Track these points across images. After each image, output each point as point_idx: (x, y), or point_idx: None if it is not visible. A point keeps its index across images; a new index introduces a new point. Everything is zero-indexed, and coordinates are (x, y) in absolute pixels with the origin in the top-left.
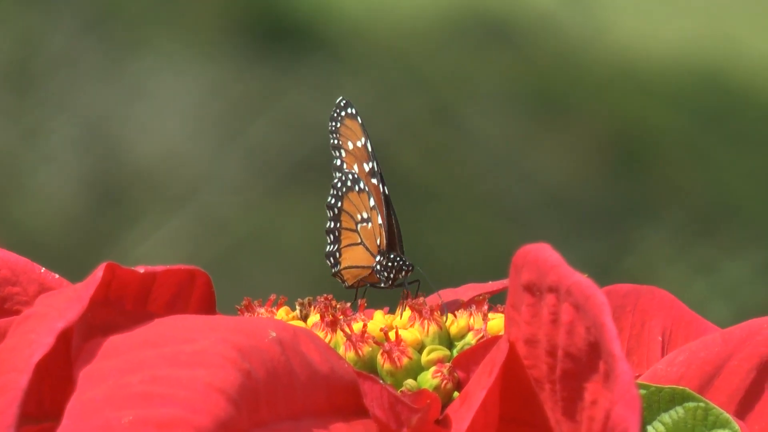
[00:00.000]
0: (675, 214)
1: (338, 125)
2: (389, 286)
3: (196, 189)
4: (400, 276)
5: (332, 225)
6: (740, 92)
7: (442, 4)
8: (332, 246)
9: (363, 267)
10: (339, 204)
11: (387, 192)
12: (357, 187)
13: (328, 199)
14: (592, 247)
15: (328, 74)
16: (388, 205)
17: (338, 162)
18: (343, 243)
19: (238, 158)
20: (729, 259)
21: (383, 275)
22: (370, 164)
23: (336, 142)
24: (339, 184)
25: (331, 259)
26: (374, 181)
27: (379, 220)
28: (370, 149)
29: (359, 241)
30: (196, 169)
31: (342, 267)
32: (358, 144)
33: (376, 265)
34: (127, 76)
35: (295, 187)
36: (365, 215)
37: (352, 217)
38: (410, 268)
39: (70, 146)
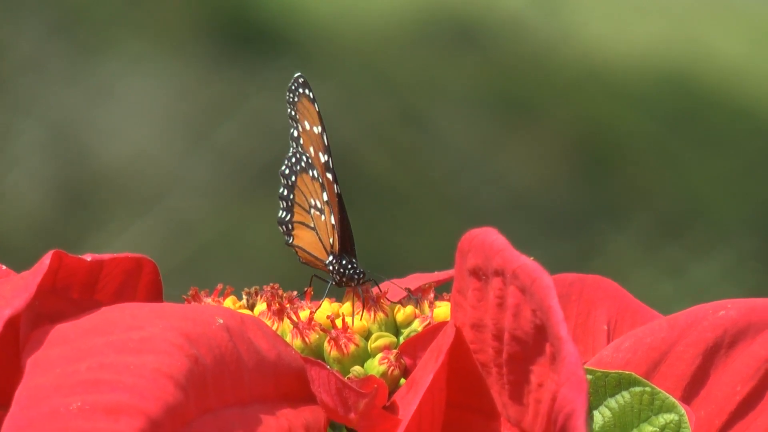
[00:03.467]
0: (642, 216)
1: (295, 99)
2: (337, 285)
3: (164, 192)
4: (352, 284)
5: (285, 193)
6: (707, 95)
7: (409, 7)
8: (285, 213)
9: (315, 257)
10: (293, 178)
11: (340, 192)
12: (311, 173)
13: (282, 168)
14: (559, 249)
15: None
16: (341, 205)
17: (295, 133)
18: (296, 217)
19: (206, 161)
20: (696, 262)
21: (335, 278)
22: (326, 157)
23: (293, 113)
24: (294, 160)
25: (284, 227)
26: (329, 176)
27: (332, 220)
28: (326, 143)
29: (312, 225)
30: (163, 172)
31: (295, 243)
32: (315, 130)
33: (328, 265)
34: (94, 79)
35: (263, 190)
36: (318, 204)
37: (305, 197)
38: (362, 276)
39: (37, 149)
